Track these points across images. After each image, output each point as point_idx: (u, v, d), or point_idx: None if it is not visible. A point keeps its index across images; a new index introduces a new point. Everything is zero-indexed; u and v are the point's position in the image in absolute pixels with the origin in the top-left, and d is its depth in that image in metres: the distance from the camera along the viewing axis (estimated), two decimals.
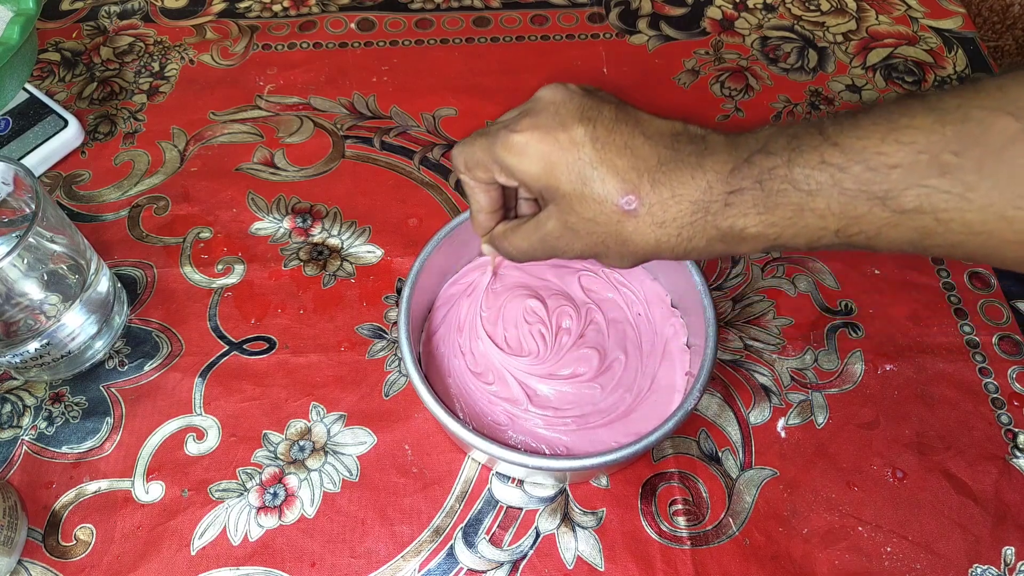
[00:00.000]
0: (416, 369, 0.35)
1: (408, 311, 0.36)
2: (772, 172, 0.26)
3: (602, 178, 0.29)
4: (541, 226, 0.32)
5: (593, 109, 0.30)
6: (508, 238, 0.34)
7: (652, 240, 0.29)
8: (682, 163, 0.28)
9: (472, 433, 0.33)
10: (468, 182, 0.34)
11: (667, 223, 0.28)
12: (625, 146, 0.29)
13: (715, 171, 0.27)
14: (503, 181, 0.33)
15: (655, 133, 0.29)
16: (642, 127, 0.30)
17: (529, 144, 0.30)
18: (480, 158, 0.32)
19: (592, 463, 0.33)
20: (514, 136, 0.30)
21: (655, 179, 0.28)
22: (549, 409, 0.38)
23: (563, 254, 0.32)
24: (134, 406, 0.41)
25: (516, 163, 0.30)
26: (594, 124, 0.29)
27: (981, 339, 0.44)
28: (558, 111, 0.30)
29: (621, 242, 0.30)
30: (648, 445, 0.33)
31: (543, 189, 0.30)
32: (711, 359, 0.35)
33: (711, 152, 0.28)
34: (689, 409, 0.33)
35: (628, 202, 0.28)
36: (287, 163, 0.51)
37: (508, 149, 0.30)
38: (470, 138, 0.33)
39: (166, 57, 0.57)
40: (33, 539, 0.38)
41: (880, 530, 0.38)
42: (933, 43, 0.58)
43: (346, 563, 0.37)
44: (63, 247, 0.39)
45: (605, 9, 0.60)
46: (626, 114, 0.30)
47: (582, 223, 0.30)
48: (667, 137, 0.29)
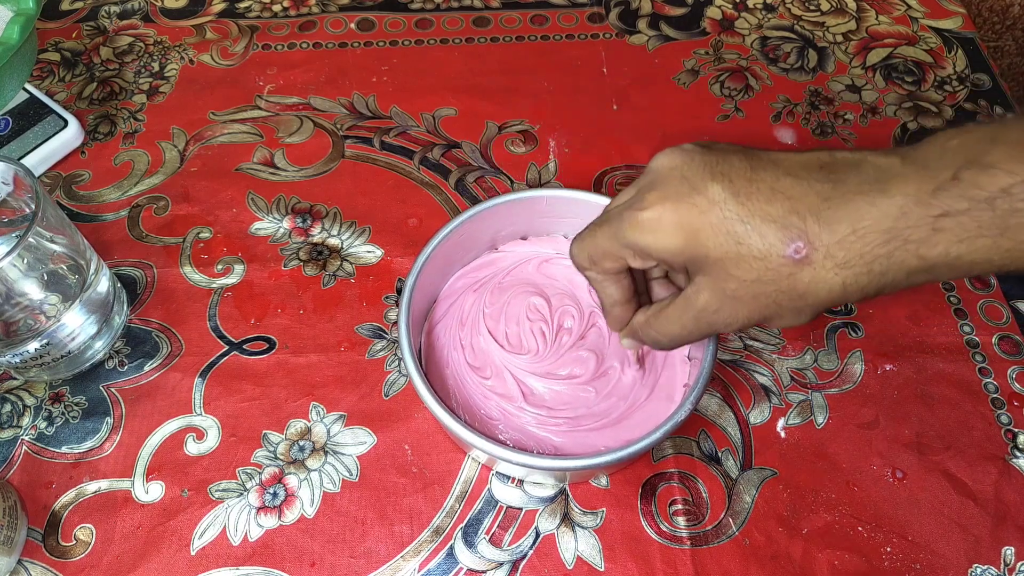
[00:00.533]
0: (416, 369, 0.35)
1: (408, 310, 0.36)
2: (1008, 191, 0.23)
3: (758, 231, 0.26)
4: (691, 303, 0.29)
5: (722, 163, 0.27)
6: (653, 326, 0.31)
7: (838, 285, 0.26)
8: (853, 194, 0.25)
9: (472, 433, 0.33)
10: (595, 277, 0.32)
11: (852, 262, 0.25)
12: (772, 191, 0.26)
13: (906, 194, 0.24)
14: (638, 265, 0.30)
15: (800, 170, 0.26)
16: (783, 167, 0.27)
17: (663, 217, 0.27)
18: (607, 248, 0.30)
19: (593, 463, 0.33)
20: (643, 214, 0.28)
21: (823, 217, 0.25)
22: (543, 408, 0.38)
23: (725, 327, 0.29)
24: (134, 406, 0.41)
25: (652, 241, 0.28)
26: (729, 178, 0.26)
27: (981, 339, 0.44)
28: (684, 175, 0.27)
29: (798, 296, 0.26)
30: (649, 445, 0.33)
31: (688, 262, 0.28)
32: (711, 360, 0.35)
33: (890, 175, 0.25)
34: (689, 409, 0.33)
35: (797, 250, 0.25)
36: (287, 163, 0.51)
37: (639, 229, 0.28)
38: (586, 230, 0.31)
39: (166, 57, 0.57)
40: (33, 539, 0.38)
41: (880, 530, 0.38)
42: (933, 43, 0.58)
43: (346, 563, 0.37)
44: (63, 247, 0.39)
45: (605, 9, 0.60)
46: (759, 159, 0.27)
47: (744, 287, 0.27)
48: (816, 171, 0.26)
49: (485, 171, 0.50)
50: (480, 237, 0.42)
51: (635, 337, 0.33)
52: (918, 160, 0.25)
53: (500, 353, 0.39)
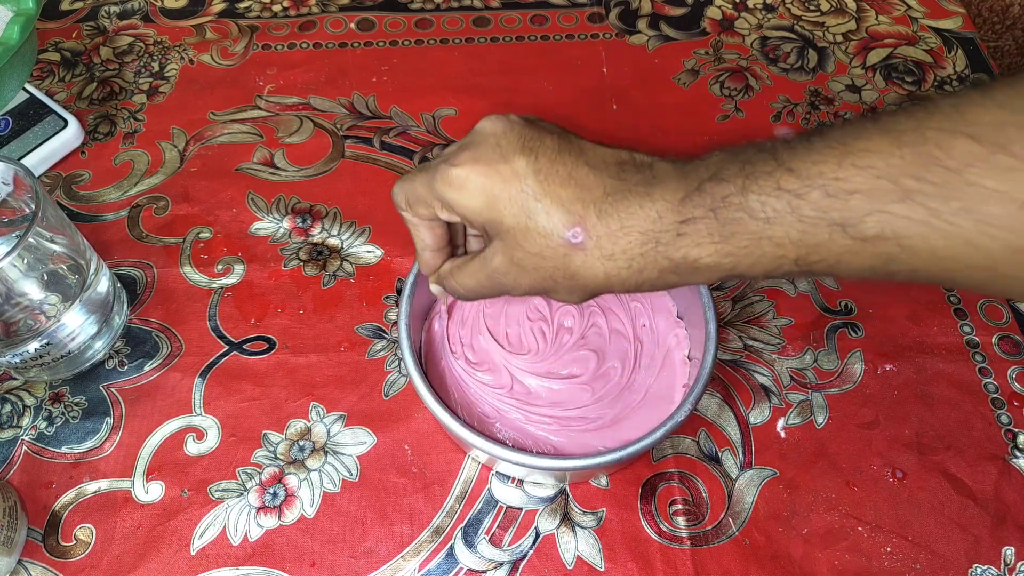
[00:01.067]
0: (416, 368, 0.35)
1: (408, 309, 0.36)
2: (726, 200, 0.25)
3: (547, 211, 0.28)
4: (487, 263, 0.31)
5: (534, 139, 0.29)
6: (455, 276, 0.33)
7: (601, 273, 0.28)
8: (630, 192, 0.27)
9: (472, 432, 0.33)
10: (410, 219, 0.33)
11: (616, 255, 0.27)
12: (569, 177, 0.28)
13: (665, 200, 0.26)
14: (445, 217, 0.32)
15: (600, 162, 0.28)
16: (586, 156, 0.29)
17: (469, 178, 0.29)
18: (420, 194, 0.31)
19: (593, 463, 0.33)
20: (453, 170, 0.29)
21: (602, 210, 0.27)
22: (541, 407, 0.38)
23: (512, 291, 0.31)
24: (134, 406, 0.41)
25: (457, 197, 0.29)
26: (536, 155, 0.28)
27: (981, 339, 0.44)
28: (499, 142, 0.29)
29: (569, 276, 0.28)
30: (649, 445, 0.33)
31: (486, 224, 0.29)
32: (711, 360, 0.35)
33: (660, 181, 0.27)
34: (689, 409, 0.33)
35: (575, 235, 0.27)
36: (287, 163, 0.51)
37: (448, 183, 0.29)
38: (410, 174, 0.32)
39: (166, 57, 0.57)
40: (33, 539, 0.38)
41: (880, 530, 0.38)
42: (933, 43, 0.58)
43: (346, 563, 0.37)
44: (63, 247, 0.39)
45: (605, 9, 0.60)
46: (569, 143, 0.29)
47: (528, 258, 0.29)
48: (612, 166, 0.28)
49: None
50: None
51: (440, 283, 0.35)
52: (687, 171, 0.27)
53: (500, 352, 0.39)
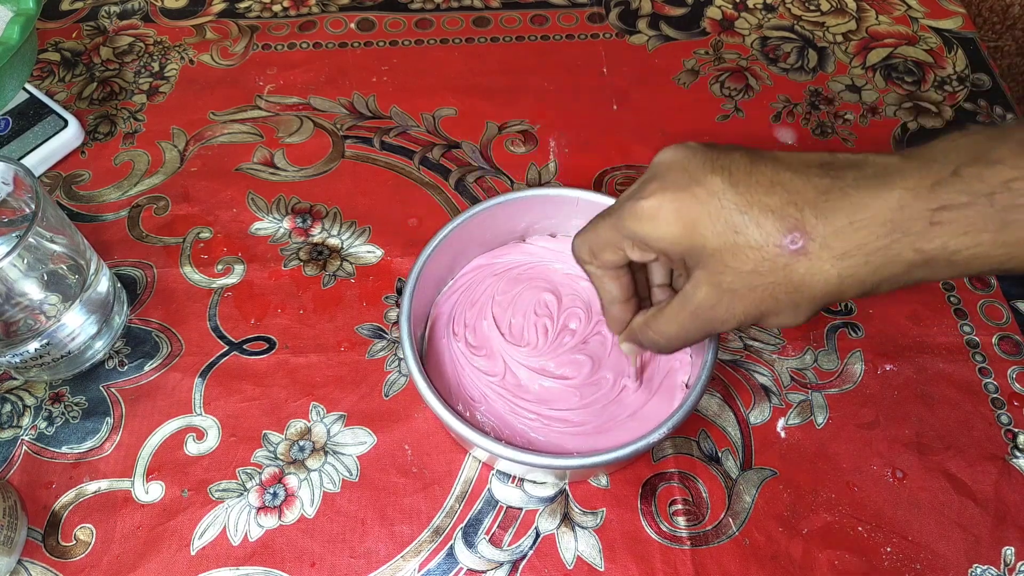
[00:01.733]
0: (417, 367, 0.35)
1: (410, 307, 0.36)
2: (1008, 185, 0.23)
3: (756, 221, 0.26)
4: (689, 300, 0.28)
5: (723, 157, 0.27)
6: (652, 326, 0.31)
7: (834, 276, 0.25)
8: (851, 188, 0.25)
9: (473, 431, 0.33)
10: (595, 272, 0.32)
11: (850, 253, 0.25)
12: (772, 183, 0.26)
13: (906, 188, 0.24)
14: (637, 257, 0.30)
15: (800, 165, 0.26)
16: (784, 162, 0.27)
17: (662, 206, 0.27)
18: (607, 237, 0.30)
19: (593, 462, 0.33)
20: (643, 203, 0.28)
21: (820, 209, 0.25)
22: (527, 401, 0.38)
23: (723, 325, 0.28)
24: (134, 406, 0.41)
25: (651, 230, 0.28)
26: (729, 171, 0.27)
27: (981, 339, 0.44)
28: (685, 168, 0.27)
29: (793, 288, 0.26)
30: (649, 445, 0.33)
31: (685, 252, 0.28)
32: (711, 360, 0.35)
33: (890, 172, 0.25)
34: (689, 409, 0.33)
35: (794, 240, 0.25)
36: (287, 163, 0.51)
37: (638, 218, 0.28)
38: (590, 224, 0.31)
39: (166, 57, 0.57)
40: (33, 539, 0.38)
41: (880, 530, 0.38)
42: (933, 43, 0.58)
43: (346, 563, 0.37)
44: (63, 247, 0.39)
45: (605, 9, 0.60)
46: (760, 155, 0.27)
47: (741, 278, 0.27)
48: (816, 167, 0.26)
49: (485, 171, 0.50)
50: (507, 227, 0.42)
51: (634, 340, 0.33)
52: (920, 157, 0.25)
53: (500, 341, 0.40)
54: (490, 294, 0.41)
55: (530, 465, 0.33)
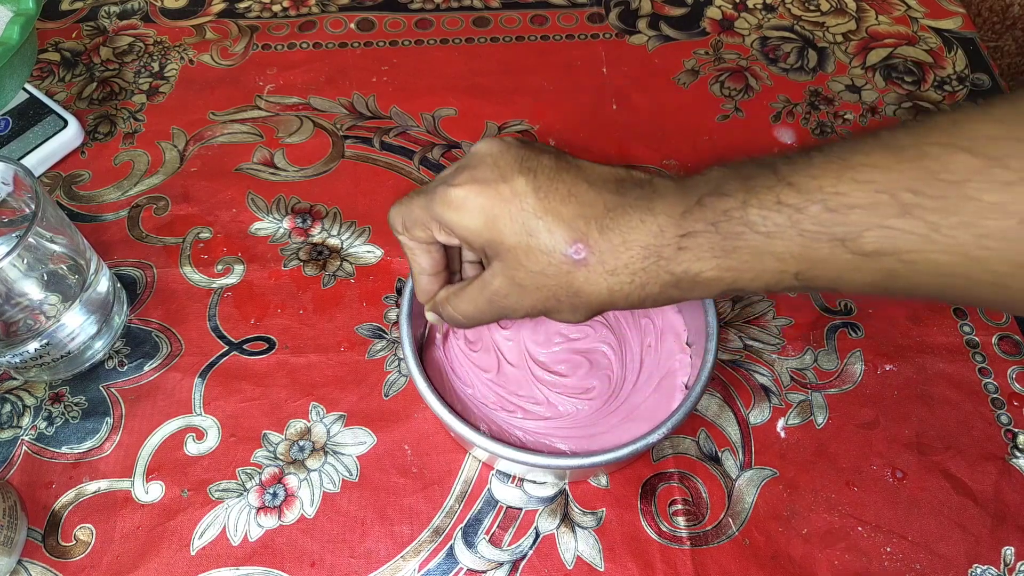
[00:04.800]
0: (418, 367, 0.35)
1: (410, 307, 0.36)
2: (728, 214, 0.26)
3: (548, 228, 0.28)
4: (487, 286, 0.30)
5: (532, 159, 0.29)
6: (452, 302, 0.33)
7: (604, 288, 0.28)
8: (630, 208, 0.27)
9: (473, 431, 0.33)
10: (407, 243, 0.33)
11: (619, 270, 0.27)
12: (569, 194, 0.28)
13: (666, 214, 0.27)
14: (443, 239, 0.31)
15: (598, 179, 0.29)
16: (584, 174, 0.29)
17: (468, 198, 0.29)
18: (418, 216, 0.31)
19: (593, 461, 0.33)
20: (452, 191, 0.29)
21: (603, 225, 0.27)
22: (522, 397, 0.38)
23: (512, 313, 0.31)
24: (134, 406, 0.41)
25: (456, 218, 0.29)
26: (535, 174, 0.28)
27: (981, 339, 0.44)
28: (496, 163, 0.29)
29: (572, 293, 0.28)
30: (648, 444, 0.33)
31: (486, 244, 0.29)
32: (712, 360, 0.35)
33: (660, 196, 0.27)
34: (689, 409, 0.33)
35: (577, 251, 0.27)
36: (287, 163, 0.51)
37: (447, 204, 0.29)
38: (407, 197, 0.32)
39: (166, 57, 0.57)
40: (33, 539, 0.38)
41: (880, 530, 0.38)
42: (933, 43, 0.58)
43: (346, 563, 0.37)
44: (63, 247, 0.39)
45: (605, 9, 0.60)
46: (567, 163, 0.29)
47: (530, 277, 0.29)
48: (611, 183, 0.28)
49: None
50: None
51: (436, 311, 0.35)
52: (687, 186, 0.27)
53: (497, 335, 0.40)
54: None
55: (530, 465, 0.33)
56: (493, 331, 0.40)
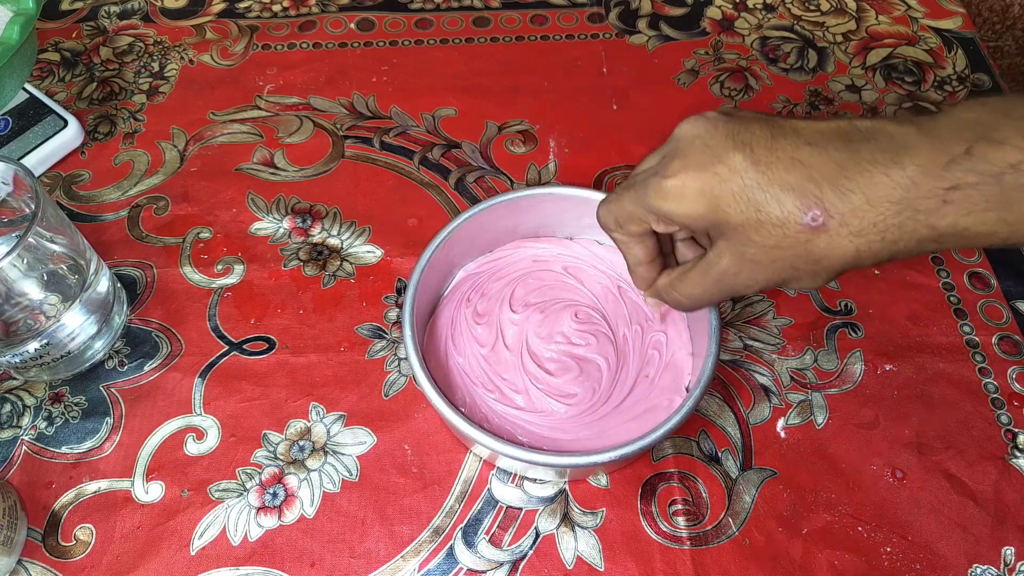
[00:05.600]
0: (419, 363, 0.35)
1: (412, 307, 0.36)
2: (1016, 167, 0.24)
3: (777, 199, 0.26)
4: (713, 266, 0.30)
5: (743, 132, 0.28)
6: (677, 288, 0.32)
7: (851, 250, 0.26)
8: (868, 163, 0.26)
9: (474, 428, 0.33)
10: (620, 238, 0.33)
11: (865, 230, 0.26)
12: (792, 159, 0.27)
13: (918, 166, 0.25)
14: (662, 230, 0.31)
15: (820, 138, 0.27)
16: (803, 136, 0.27)
17: (686, 185, 0.28)
18: (632, 212, 0.31)
19: (592, 460, 0.33)
20: (667, 182, 0.28)
21: (840, 187, 0.26)
22: (516, 391, 0.38)
23: (745, 289, 0.30)
24: (134, 406, 0.41)
25: (676, 208, 0.29)
26: (750, 147, 0.27)
27: (981, 339, 0.44)
28: (707, 144, 0.28)
29: (813, 261, 0.27)
30: (648, 444, 0.33)
31: (710, 227, 0.29)
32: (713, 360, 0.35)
33: (904, 147, 0.25)
34: (689, 409, 0.33)
35: (814, 218, 0.26)
36: (287, 163, 0.51)
37: (663, 197, 0.29)
38: (614, 194, 0.32)
39: (166, 57, 0.57)
40: (33, 539, 0.38)
41: (880, 530, 0.38)
42: (933, 43, 0.58)
43: (346, 563, 0.37)
44: (63, 247, 0.39)
45: (605, 9, 0.60)
46: (780, 127, 0.28)
47: (764, 252, 0.28)
48: (835, 140, 0.27)
49: (485, 171, 0.50)
50: (509, 225, 0.42)
51: (659, 297, 0.34)
52: (933, 131, 0.26)
53: (507, 313, 0.40)
54: (526, 289, 0.41)
55: (531, 463, 0.33)
56: (503, 311, 0.40)
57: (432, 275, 0.39)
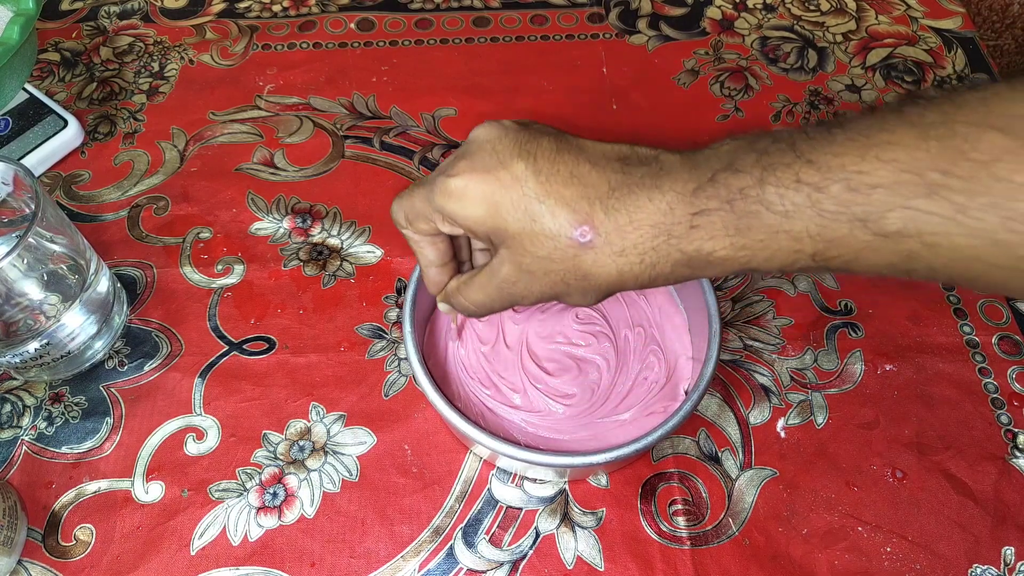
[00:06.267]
0: (419, 363, 0.35)
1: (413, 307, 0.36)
2: (743, 192, 0.25)
3: (551, 212, 0.27)
4: (495, 274, 0.30)
5: (531, 142, 0.28)
6: (463, 292, 0.32)
7: (614, 270, 0.27)
8: (637, 186, 0.27)
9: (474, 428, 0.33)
10: (412, 236, 0.32)
11: (627, 251, 0.27)
12: (571, 175, 0.27)
13: (675, 192, 0.26)
14: (447, 230, 0.31)
15: (601, 158, 0.28)
16: (586, 154, 0.28)
17: (468, 187, 0.28)
18: (420, 209, 0.31)
19: (593, 460, 0.33)
20: (451, 181, 0.29)
21: (608, 206, 0.27)
22: (500, 379, 0.38)
23: (523, 300, 0.30)
24: (134, 406, 0.41)
25: (458, 208, 0.29)
26: (534, 157, 0.28)
27: (981, 339, 0.44)
28: (495, 148, 0.28)
29: (581, 276, 0.28)
30: (648, 444, 0.33)
31: (490, 232, 0.29)
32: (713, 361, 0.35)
33: (668, 172, 0.27)
34: (689, 410, 0.33)
35: (583, 233, 0.27)
36: (287, 163, 0.51)
37: (447, 195, 0.29)
38: (408, 190, 0.32)
39: (166, 57, 0.57)
40: (33, 539, 0.38)
41: (880, 530, 0.38)
42: (933, 43, 0.58)
43: (346, 563, 0.37)
44: (63, 247, 0.39)
45: (605, 9, 0.60)
46: (567, 143, 0.29)
47: (537, 263, 0.28)
48: (614, 161, 0.28)
49: None
50: None
51: (448, 302, 0.35)
52: (693, 161, 0.27)
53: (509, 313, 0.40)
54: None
55: (531, 463, 0.33)
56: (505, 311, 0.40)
57: None
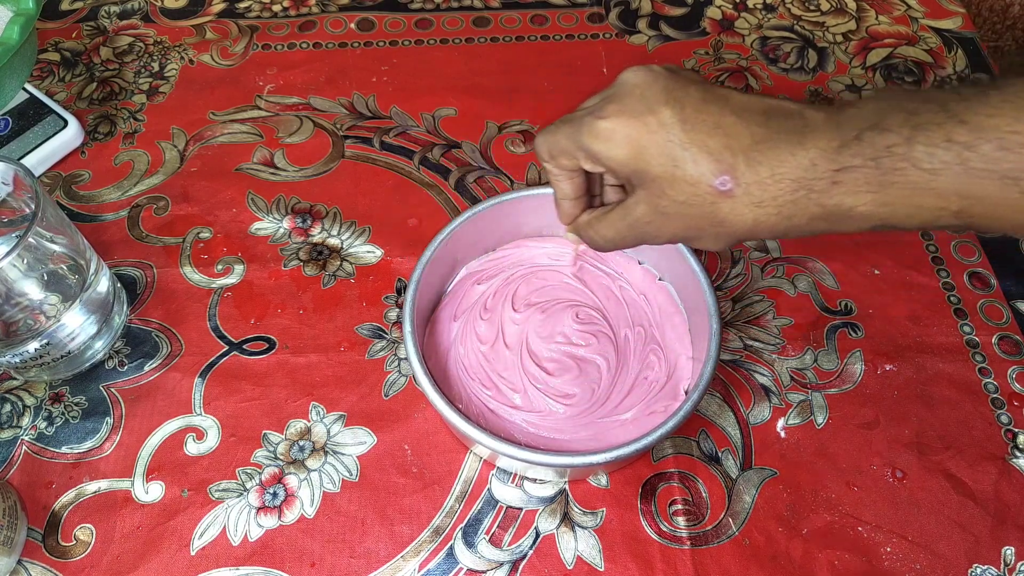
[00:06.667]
0: (420, 363, 0.35)
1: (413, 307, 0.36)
2: (890, 150, 0.25)
3: (694, 159, 0.28)
4: (630, 212, 0.31)
5: (679, 90, 0.29)
6: (594, 227, 0.34)
7: (750, 220, 0.28)
8: (779, 140, 0.27)
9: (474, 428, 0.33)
10: (552, 170, 0.34)
11: (766, 202, 0.28)
12: (716, 125, 0.28)
13: (819, 148, 0.27)
14: (589, 168, 0.32)
15: (745, 110, 0.29)
16: (732, 105, 0.29)
17: (616, 130, 0.29)
18: (564, 146, 0.32)
19: (593, 460, 0.33)
20: (600, 123, 0.30)
21: (751, 158, 0.27)
22: (500, 379, 0.38)
23: (653, 239, 0.32)
24: (134, 406, 0.41)
25: (604, 149, 0.30)
26: (682, 105, 0.29)
27: (981, 339, 0.44)
28: (644, 94, 0.30)
29: (716, 223, 0.29)
30: (648, 444, 0.33)
31: (632, 174, 0.30)
32: (713, 361, 0.35)
33: (812, 129, 0.27)
34: (689, 410, 0.33)
35: (723, 182, 0.28)
36: (287, 163, 0.51)
37: (595, 136, 0.30)
38: (553, 126, 0.33)
39: (166, 57, 0.57)
40: (33, 539, 0.38)
41: (880, 530, 0.38)
42: (933, 43, 0.58)
43: (346, 563, 0.37)
44: (63, 247, 0.39)
45: (605, 9, 0.60)
46: (713, 93, 0.29)
47: (674, 206, 0.29)
48: (759, 114, 0.28)
49: (485, 171, 0.50)
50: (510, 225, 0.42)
51: (577, 234, 0.36)
52: (842, 119, 0.27)
53: (510, 313, 0.40)
54: (528, 288, 0.41)
55: (531, 463, 0.33)
56: (505, 309, 0.40)
57: (432, 275, 0.39)
